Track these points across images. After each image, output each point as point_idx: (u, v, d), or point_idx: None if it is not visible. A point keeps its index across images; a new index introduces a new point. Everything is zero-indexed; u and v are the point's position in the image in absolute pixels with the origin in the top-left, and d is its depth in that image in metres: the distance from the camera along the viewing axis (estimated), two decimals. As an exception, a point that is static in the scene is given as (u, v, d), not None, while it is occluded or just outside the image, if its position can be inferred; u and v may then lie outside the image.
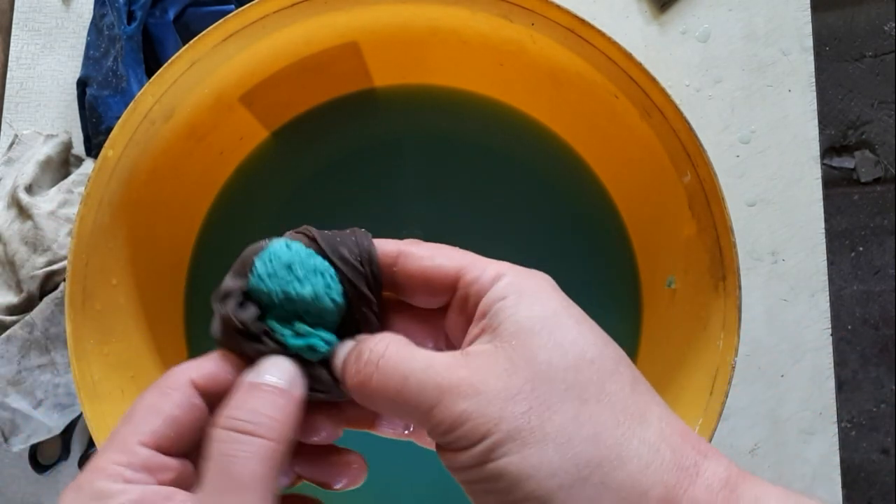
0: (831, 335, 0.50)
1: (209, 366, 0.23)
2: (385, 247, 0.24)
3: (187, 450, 0.22)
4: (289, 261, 0.23)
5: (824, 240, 0.50)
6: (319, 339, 0.23)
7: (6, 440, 0.46)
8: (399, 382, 0.21)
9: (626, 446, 0.20)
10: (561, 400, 0.20)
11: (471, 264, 0.23)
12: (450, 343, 0.25)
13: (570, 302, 0.23)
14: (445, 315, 0.24)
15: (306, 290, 0.23)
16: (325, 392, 0.24)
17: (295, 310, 0.23)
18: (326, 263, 0.24)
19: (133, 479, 0.20)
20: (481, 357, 0.21)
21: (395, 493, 0.43)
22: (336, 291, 0.23)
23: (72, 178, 0.48)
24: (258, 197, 0.45)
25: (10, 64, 0.53)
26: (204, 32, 0.36)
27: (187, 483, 0.22)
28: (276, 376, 0.22)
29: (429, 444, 0.25)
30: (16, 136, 0.51)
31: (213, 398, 0.23)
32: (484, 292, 0.22)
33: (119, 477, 0.20)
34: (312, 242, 0.25)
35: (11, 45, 0.53)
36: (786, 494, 0.20)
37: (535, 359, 0.20)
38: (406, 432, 0.27)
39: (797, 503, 0.20)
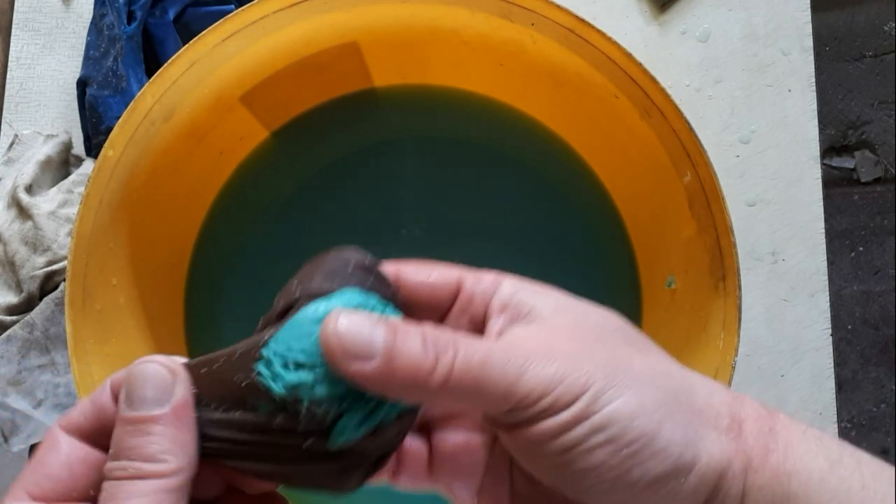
0: (831, 335, 0.50)
1: (80, 408, 0.21)
2: (385, 267, 0.23)
3: (69, 496, 0.20)
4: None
5: (824, 240, 0.50)
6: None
7: (6, 440, 0.46)
8: (483, 357, 0.20)
9: (689, 378, 0.22)
10: (628, 349, 0.22)
11: (467, 273, 0.24)
12: None
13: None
14: (442, 322, 0.24)
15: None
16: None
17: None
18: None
19: None
20: (538, 331, 0.22)
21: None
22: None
23: (72, 178, 0.48)
24: (258, 197, 0.45)
25: (10, 64, 0.53)
26: (204, 32, 0.36)
27: None
28: (153, 395, 0.20)
29: (422, 481, 0.25)
30: (16, 136, 0.51)
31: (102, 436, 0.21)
32: (492, 290, 0.23)
33: None
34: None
35: (11, 45, 0.53)
36: (816, 437, 0.22)
37: (588, 322, 0.22)
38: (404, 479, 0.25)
39: (826, 446, 0.21)
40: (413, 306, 0.23)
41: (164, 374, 0.20)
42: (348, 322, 0.19)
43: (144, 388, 0.20)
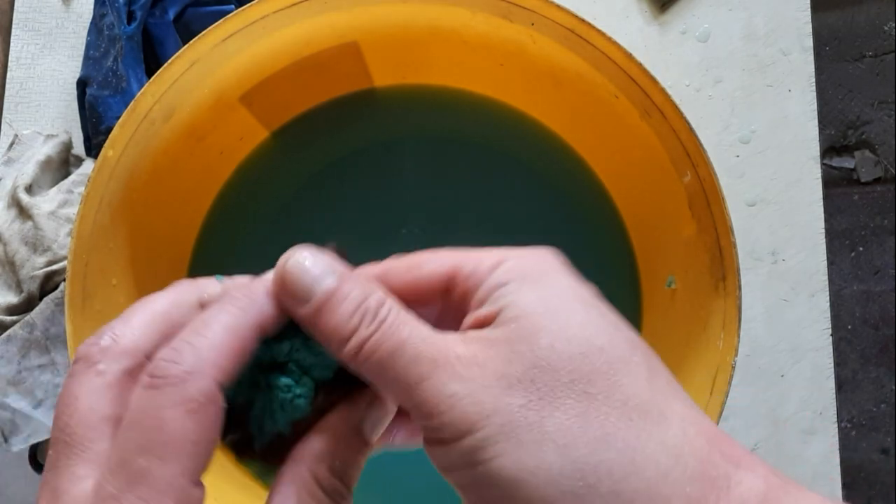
0: (831, 335, 0.50)
1: (227, 354, 0.19)
2: (367, 273, 0.21)
3: None
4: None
5: (824, 240, 0.50)
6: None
7: (6, 440, 0.46)
8: (395, 346, 0.18)
9: (640, 450, 0.17)
10: (565, 393, 0.17)
11: (464, 259, 0.20)
12: None
13: (580, 281, 0.20)
14: (441, 321, 0.22)
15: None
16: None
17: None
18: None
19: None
20: (479, 341, 0.18)
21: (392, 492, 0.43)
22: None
23: (72, 178, 0.48)
24: (258, 197, 0.45)
25: (10, 64, 0.53)
26: (204, 32, 0.36)
27: None
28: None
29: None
30: (16, 136, 0.51)
31: None
32: (482, 281, 0.20)
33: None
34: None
35: (11, 45, 0.53)
36: None
37: (537, 344, 0.18)
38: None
39: None
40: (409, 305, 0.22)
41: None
42: (299, 262, 0.19)
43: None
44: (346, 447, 0.20)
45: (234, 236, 0.45)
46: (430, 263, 0.21)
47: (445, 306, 0.21)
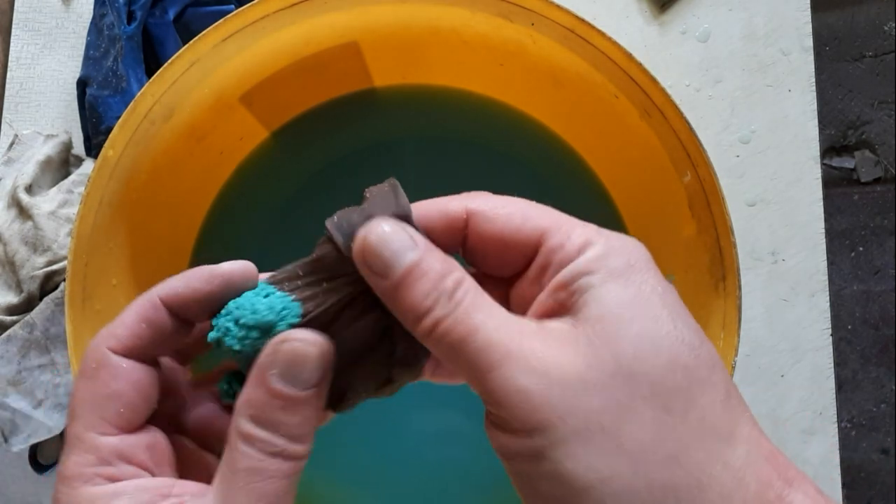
0: (831, 335, 0.50)
1: (124, 327, 0.21)
2: (450, 207, 0.21)
3: (146, 417, 0.21)
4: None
5: (824, 240, 0.50)
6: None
7: (6, 440, 0.46)
8: (467, 331, 0.18)
9: (707, 472, 0.17)
10: (644, 406, 0.17)
11: (555, 226, 0.20)
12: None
13: (666, 284, 0.20)
14: (514, 283, 0.21)
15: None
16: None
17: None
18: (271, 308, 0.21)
19: (114, 474, 0.19)
20: (558, 335, 0.18)
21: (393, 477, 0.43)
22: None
23: (72, 178, 0.48)
24: (258, 197, 0.45)
25: (10, 64, 0.53)
26: (204, 32, 0.36)
27: (162, 456, 0.21)
28: (309, 377, 0.19)
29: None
30: (16, 136, 0.51)
31: (151, 347, 0.21)
32: (567, 261, 0.19)
33: (96, 478, 0.19)
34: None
35: (11, 45, 0.53)
36: None
37: (622, 351, 0.17)
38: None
39: None
40: (481, 260, 0.21)
41: (323, 360, 0.20)
42: (379, 235, 0.19)
43: (304, 369, 0.19)
44: (260, 397, 0.20)
45: (234, 236, 0.45)
46: (518, 219, 0.20)
47: (529, 267, 0.21)
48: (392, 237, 0.19)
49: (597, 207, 0.44)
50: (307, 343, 0.20)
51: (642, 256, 0.20)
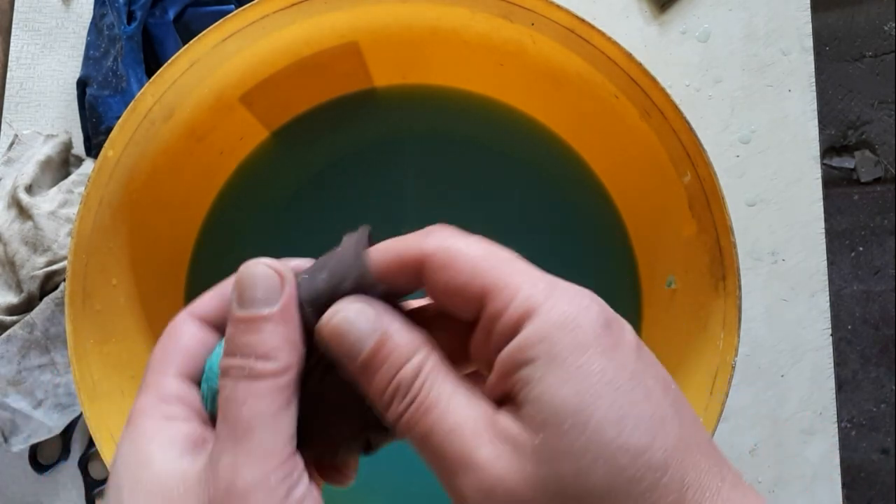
0: (831, 335, 0.50)
1: (205, 300, 0.22)
2: (406, 252, 0.21)
3: None
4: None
5: (824, 240, 0.50)
6: None
7: (6, 440, 0.46)
8: (424, 432, 0.19)
9: None
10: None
11: (498, 287, 0.19)
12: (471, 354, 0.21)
13: (628, 354, 0.18)
14: (472, 330, 0.21)
15: None
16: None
17: None
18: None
19: (170, 413, 0.20)
20: (507, 439, 0.18)
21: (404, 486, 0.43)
22: None
23: (72, 178, 0.48)
24: (258, 197, 0.45)
25: (10, 64, 0.53)
26: (204, 32, 0.36)
27: None
28: (263, 295, 0.20)
29: None
30: (16, 136, 0.51)
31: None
32: (506, 336, 0.18)
33: (155, 415, 0.20)
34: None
35: (11, 45, 0.53)
36: None
37: (569, 472, 0.17)
38: None
39: None
40: (440, 304, 0.21)
41: (273, 275, 0.20)
42: (342, 320, 0.20)
43: (255, 289, 0.20)
44: (229, 330, 0.21)
45: (234, 236, 0.45)
46: (464, 274, 0.19)
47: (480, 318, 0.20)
48: (355, 321, 0.20)
49: (597, 207, 0.44)
50: (253, 265, 0.20)
51: (592, 322, 0.18)
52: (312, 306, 0.21)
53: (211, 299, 0.23)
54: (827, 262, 0.50)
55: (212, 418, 0.21)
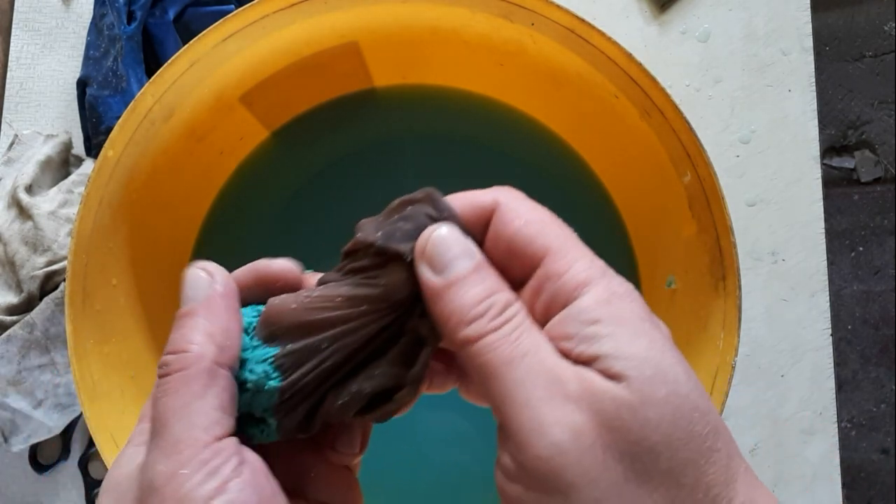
0: (831, 335, 0.50)
1: (229, 336, 0.21)
2: (481, 197, 0.21)
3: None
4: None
5: (824, 240, 0.50)
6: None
7: (6, 440, 0.46)
8: (513, 355, 0.18)
9: None
10: (660, 480, 0.17)
11: (558, 251, 0.20)
12: None
13: (663, 327, 0.20)
14: (520, 290, 0.21)
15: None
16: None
17: None
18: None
19: (215, 467, 0.19)
20: (590, 392, 0.17)
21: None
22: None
23: (72, 178, 0.48)
24: (258, 197, 0.45)
25: (10, 64, 0.53)
26: (204, 32, 0.36)
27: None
28: (191, 293, 0.21)
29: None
30: (16, 136, 0.51)
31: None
32: (565, 298, 0.19)
33: (197, 473, 0.18)
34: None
35: (11, 45, 0.53)
36: None
37: (646, 419, 0.17)
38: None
39: None
40: (492, 257, 0.21)
41: (201, 275, 0.21)
42: (443, 236, 0.20)
43: (185, 287, 0.21)
44: None
45: (234, 236, 0.45)
46: (535, 237, 0.20)
47: (529, 280, 0.20)
48: (456, 241, 0.20)
49: (597, 207, 0.44)
50: (190, 268, 0.21)
51: (642, 303, 0.20)
52: (409, 240, 0.21)
53: (229, 320, 0.21)
54: (827, 262, 0.50)
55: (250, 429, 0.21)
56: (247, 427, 0.21)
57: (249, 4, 0.36)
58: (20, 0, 0.53)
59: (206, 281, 0.21)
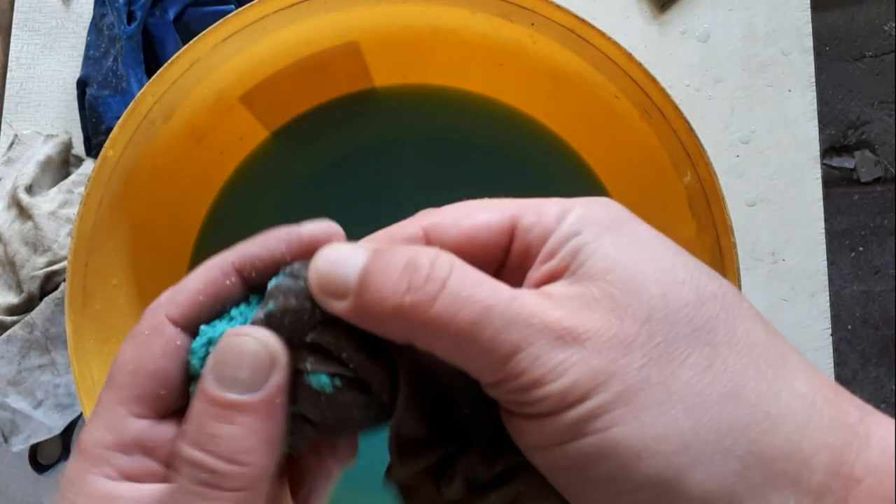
0: (831, 335, 0.50)
1: (187, 294, 0.18)
2: (403, 231, 0.18)
3: (185, 402, 0.18)
4: None
5: (824, 240, 0.50)
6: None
7: (6, 440, 0.46)
8: (476, 313, 0.15)
9: (775, 402, 0.15)
10: (688, 346, 0.15)
11: (524, 209, 0.18)
12: None
13: (655, 230, 0.18)
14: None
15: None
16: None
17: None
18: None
19: (130, 471, 0.17)
20: (572, 298, 0.16)
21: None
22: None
23: (72, 178, 0.48)
24: (258, 197, 0.45)
25: (10, 64, 0.53)
26: (204, 32, 0.36)
27: None
28: (247, 378, 0.16)
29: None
30: (16, 136, 0.51)
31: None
32: (549, 232, 0.17)
33: (110, 467, 0.17)
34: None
35: (11, 45, 0.53)
36: None
37: (647, 293, 0.15)
38: None
39: None
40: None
41: (264, 354, 0.17)
42: (325, 257, 0.17)
43: (240, 367, 0.17)
44: (197, 407, 0.17)
45: (234, 236, 0.44)
46: (483, 213, 0.18)
47: (506, 262, 0.18)
48: (337, 250, 0.17)
49: (597, 207, 0.44)
50: (243, 336, 0.17)
51: (624, 210, 0.18)
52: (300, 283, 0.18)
53: (196, 290, 0.18)
54: (827, 262, 0.50)
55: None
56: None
57: (249, 4, 0.36)
58: (20, 0, 0.53)
59: (267, 364, 0.17)
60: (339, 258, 0.17)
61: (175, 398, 0.18)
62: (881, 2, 1.17)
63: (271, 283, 0.18)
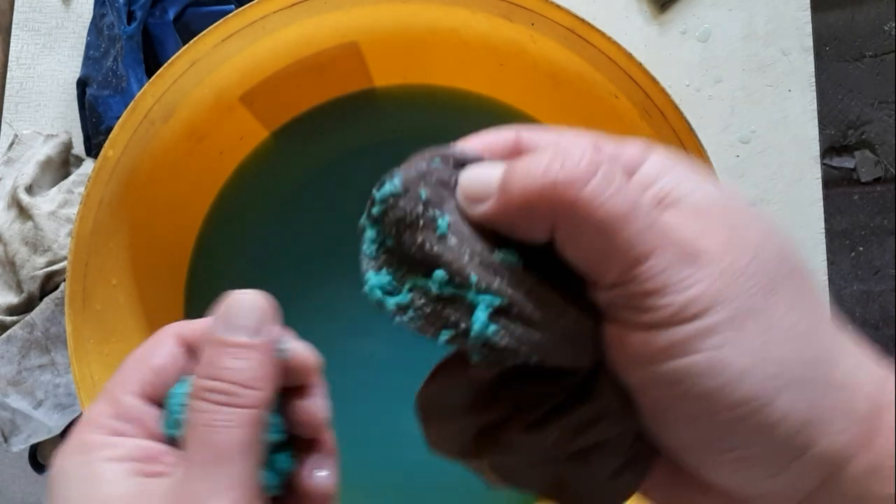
0: (831, 335, 0.50)
1: (195, 324, 0.22)
2: (497, 135, 0.20)
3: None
4: None
5: (824, 240, 0.50)
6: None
7: (6, 440, 0.46)
8: (625, 205, 0.16)
9: (838, 342, 0.18)
10: (786, 285, 0.17)
11: (603, 141, 0.18)
12: None
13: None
14: None
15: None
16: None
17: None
18: None
19: (120, 430, 0.20)
20: (695, 224, 0.17)
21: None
22: None
23: (72, 178, 0.48)
24: (258, 197, 0.45)
25: (10, 64, 0.53)
26: (204, 32, 0.36)
27: None
28: (252, 324, 0.20)
29: None
30: (16, 136, 0.51)
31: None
32: (635, 163, 0.18)
33: (106, 428, 0.20)
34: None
35: (11, 45, 0.53)
36: None
37: (758, 232, 0.17)
38: None
39: None
40: None
41: (265, 307, 0.20)
42: (467, 174, 0.19)
43: (246, 316, 0.20)
44: (209, 351, 0.20)
45: (234, 236, 0.45)
46: (567, 138, 0.19)
47: None
48: (476, 168, 0.19)
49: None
50: (246, 293, 0.20)
51: (701, 173, 0.19)
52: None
53: (201, 324, 0.22)
54: (827, 262, 0.50)
55: (169, 442, 0.21)
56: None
57: (249, 4, 0.36)
58: (20, 0, 0.53)
59: (268, 316, 0.20)
60: (477, 170, 0.19)
61: (166, 390, 0.21)
62: (881, 2, 1.17)
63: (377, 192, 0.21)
